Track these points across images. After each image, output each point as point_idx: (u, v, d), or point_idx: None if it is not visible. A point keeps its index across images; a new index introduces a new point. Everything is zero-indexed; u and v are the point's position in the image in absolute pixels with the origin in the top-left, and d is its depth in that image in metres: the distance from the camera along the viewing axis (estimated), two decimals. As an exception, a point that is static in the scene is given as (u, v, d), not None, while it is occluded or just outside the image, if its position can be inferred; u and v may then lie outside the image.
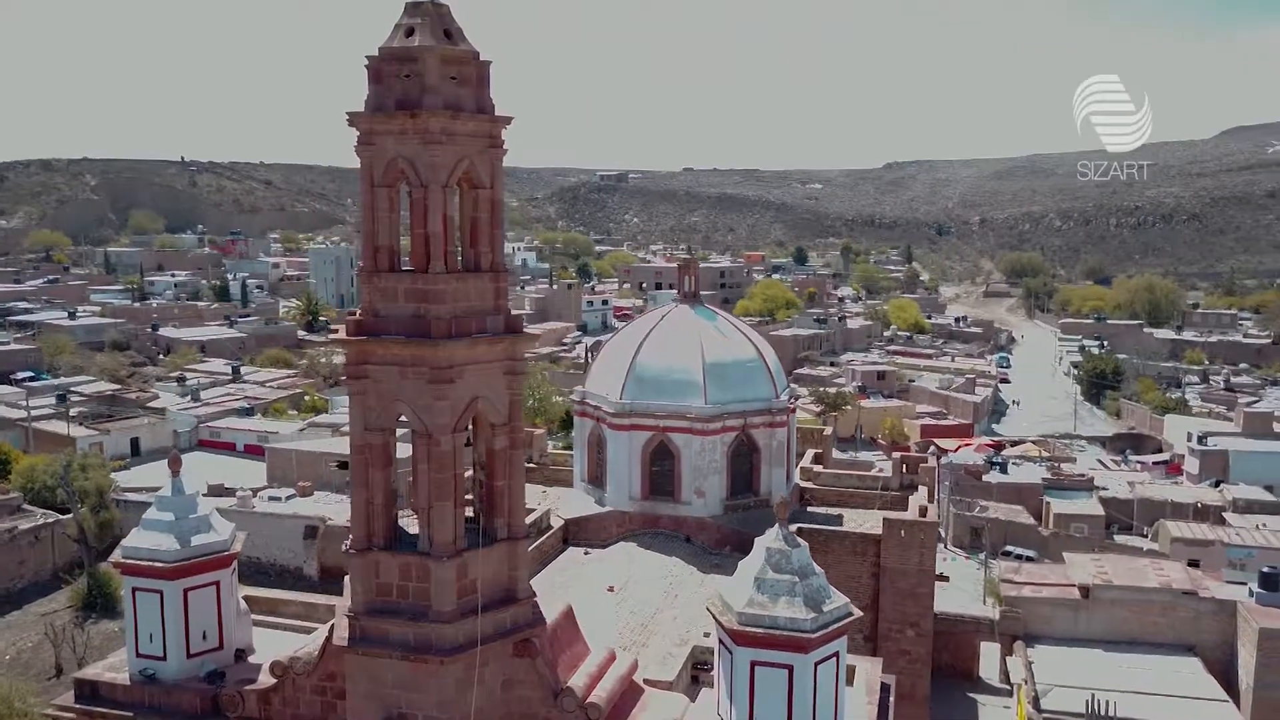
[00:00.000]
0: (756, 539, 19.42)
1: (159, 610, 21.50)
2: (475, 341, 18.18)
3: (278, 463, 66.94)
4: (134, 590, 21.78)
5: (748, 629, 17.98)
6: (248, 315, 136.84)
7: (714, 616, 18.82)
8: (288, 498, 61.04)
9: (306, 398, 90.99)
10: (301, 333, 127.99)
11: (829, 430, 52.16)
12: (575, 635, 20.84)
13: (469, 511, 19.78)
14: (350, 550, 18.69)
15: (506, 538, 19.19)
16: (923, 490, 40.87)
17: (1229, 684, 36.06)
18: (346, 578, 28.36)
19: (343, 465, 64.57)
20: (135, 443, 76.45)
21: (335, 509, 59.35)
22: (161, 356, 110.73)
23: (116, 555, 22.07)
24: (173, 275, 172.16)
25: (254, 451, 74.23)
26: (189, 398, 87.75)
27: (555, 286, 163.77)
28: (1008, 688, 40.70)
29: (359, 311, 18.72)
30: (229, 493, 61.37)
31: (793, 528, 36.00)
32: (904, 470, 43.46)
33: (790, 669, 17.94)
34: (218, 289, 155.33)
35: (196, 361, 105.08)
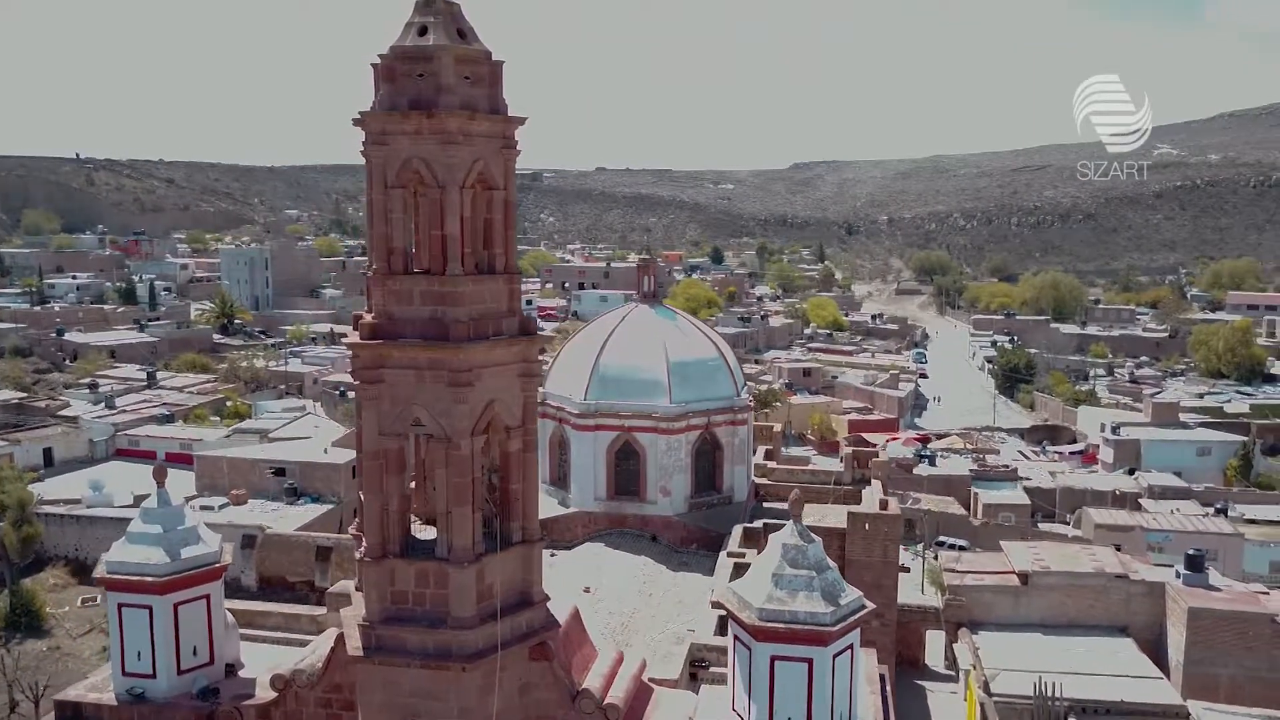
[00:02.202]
0: (772, 536, 19.67)
1: (148, 626, 20.72)
2: (493, 344, 17.99)
3: (207, 471, 64.83)
4: (120, 606, 20.91)
5: (769, 624, 18.20)
6: (158, 319, 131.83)
7: (731, 613, 18.98)
8: (220, 507, 59.23)
9: (229, 403, 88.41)
10: (217, 336, 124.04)
11: (778, 427, 52.96)
12: (584, 637, 20.83)
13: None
14: (365, 558, 18.29)
15: (521, 541, 19.05)
16: (876, 484, 41.79)
17: (1160, 661, 37.69)
18: (329, 588, 27.81)
19: (279, 472, 62.91)
20: (48, 453, 73.12)
21: (272, 517, 57.81)
22: (68, 362, 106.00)
23: (100, 570, 21.14)
24: (74, 277, 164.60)
25: (177, 460, 71.52)
26: (103, 405, 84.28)
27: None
28: (953, 674, 41.90)
29: (371, 315, 18.29)
30: (158, 503, 59.27)
31: (757, 524, 36.69)
32: (855, 465, 44.43)
33: (810, 662, 18.23)
34: (124, 291, 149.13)
35: (107, 367, 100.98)
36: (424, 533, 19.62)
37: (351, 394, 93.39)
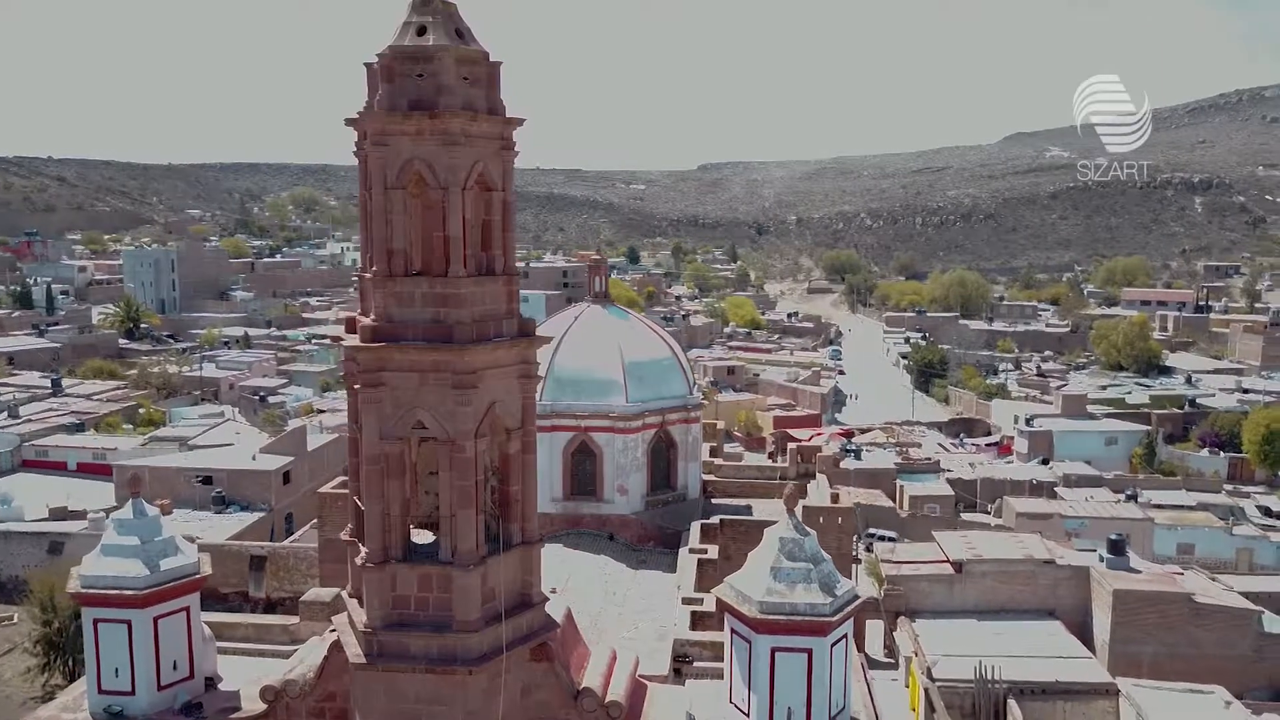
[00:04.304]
0: (767, 530, 20.05)
1: (126, 642, 19.98)
2: (495, 346, 17.97)
3: (127, 481, 62.42)
4: (95, 621, 20.14)
5: (770, 617, 18.60)
6: (57, 324, 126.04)
7: (730, 607, 19.31)
8: (146, 517, 57.10)
9: (141, 410, 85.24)
10: (123, 341, 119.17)
11: (721, 424, 53.64)
12: (577, 637, 20.91)
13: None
14: (366, 564, 18.05)
15: (521, 542, 19.06)
16: (822, 478, 42.80)
17: (1086, 641, 39.46)
18: (302, 597, 27.21)
19: (205, 481, 60.91)
20: (-51, 465, 69.45)
21: (200, 527, 56.00)
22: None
23: (74, 585, 20.33)
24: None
25: (90, 470, 68.80)
26: (6, 414, 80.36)
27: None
28: (893, 661, 43.19)
29: (371, 318, 18.06)
30: (78, 515, 56.84)
31: (714, 519, 37.18)
32: (800, 460, 45.41)
33: (810, 652, 18.70)
34: (19, 295, 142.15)
35: (6, 375, 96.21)
36: (415, 536, 19.45)
37: (271, 399, 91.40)
